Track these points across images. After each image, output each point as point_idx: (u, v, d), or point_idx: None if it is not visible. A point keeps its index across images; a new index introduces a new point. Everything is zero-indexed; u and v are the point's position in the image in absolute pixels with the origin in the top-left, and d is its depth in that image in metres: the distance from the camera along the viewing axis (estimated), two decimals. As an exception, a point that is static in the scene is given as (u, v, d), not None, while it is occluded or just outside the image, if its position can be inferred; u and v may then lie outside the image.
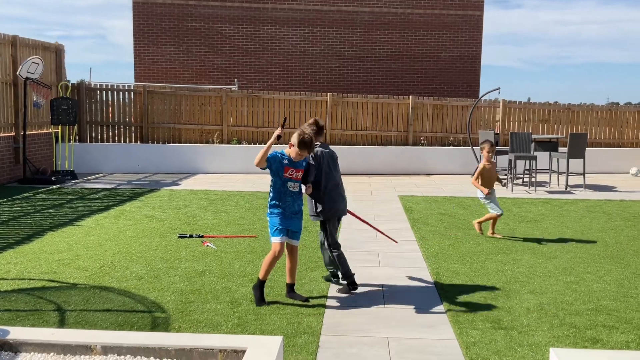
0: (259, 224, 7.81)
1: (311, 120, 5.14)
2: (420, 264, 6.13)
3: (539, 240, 7.14)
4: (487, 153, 7.34)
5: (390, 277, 5.64)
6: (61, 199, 9.62)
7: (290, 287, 4.99)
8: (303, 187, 4.95)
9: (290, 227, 4.86)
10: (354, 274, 5.20)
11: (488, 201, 7.32)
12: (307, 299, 4.89)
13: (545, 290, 5.25)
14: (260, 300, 4.82)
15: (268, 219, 4.92)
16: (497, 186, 7.68)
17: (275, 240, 4.79)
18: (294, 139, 4.74)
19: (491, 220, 7.34)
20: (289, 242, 4.88)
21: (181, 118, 13.88)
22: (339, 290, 5.19)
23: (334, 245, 5.19)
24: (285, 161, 4.81)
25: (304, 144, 4.70)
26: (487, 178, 7.32)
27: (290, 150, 4.82)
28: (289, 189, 4.84)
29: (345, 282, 5.20)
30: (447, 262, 6.16)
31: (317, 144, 5.09)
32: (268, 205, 4.92)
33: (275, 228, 4.81)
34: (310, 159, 5.01)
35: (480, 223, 7.47)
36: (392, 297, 5.08)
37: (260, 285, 4.88)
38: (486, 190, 7.20)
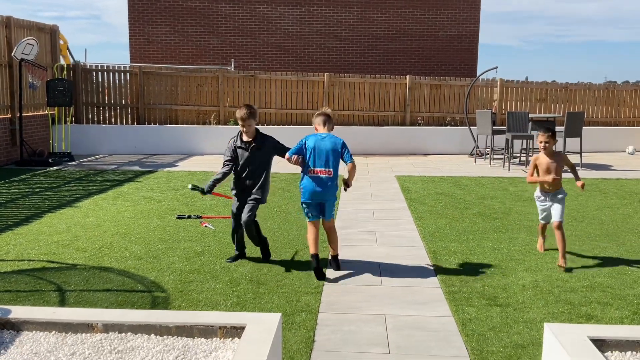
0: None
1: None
2: (417, 243, 6.18)
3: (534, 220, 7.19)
4: (540, 142, 5.58)
5: (387, 256, 5.69)
6: (59, 181, 9.62)
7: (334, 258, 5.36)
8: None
9: (319, 205, 5.24)
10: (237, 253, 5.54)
11: (545, 204, 5.64)
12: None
13: (541, 268, 5.30)
14: (319, 274, 5.01)
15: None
16: (489, 165, 7.59)
17: (308, 221, 5.28)
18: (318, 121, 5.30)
19: (559, 247, 5.37)
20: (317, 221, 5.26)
21: (177, 99, 13.82)
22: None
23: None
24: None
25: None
26: (543, 171, 5.57)
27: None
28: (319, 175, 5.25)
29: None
30: (444, 241, 6.20)
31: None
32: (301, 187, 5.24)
33: (306, 211, 5.26)
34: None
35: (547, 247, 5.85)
36: (389, 275, 5.13)
37: (315, 260, 5.06)
38: (550, 177, 5.48)
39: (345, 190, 5.27)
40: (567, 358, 2.32)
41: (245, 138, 5.40)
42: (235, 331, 2.57)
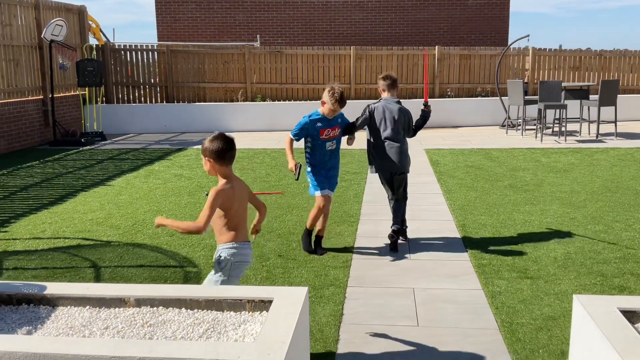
0: (285, 181, 7.87)
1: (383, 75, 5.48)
2: (446, 216, 6.13)
3: (567, 190, 7.05)
4: None
5: (416, 230, 5.67)
6: (92, 160, 9.81)
7: (319, 239, 5.08)
8: (343, 139, 5.10)
9: (330, 181, 5.01)
10: (400, 228, 5.21)
11: None
12: (323, 253, 5.00)
13: (573, 240, 5.22)
14: (308, 246, 5.04)
15: (308, 176, 5.00)
16: (521, 136, 7.44)
17: (318, 194, 4.92)
18: (325, 96, 4.78)
19: None
20: (328, 194, 5.00)
21: (205, 77, 13.87)
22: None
23: (390, 196, 5.31)
24: (319, 124, 4.85)
25: (338, 100, 4.75)
26: None
27: (323, 109, 4.86)
28: (327, 149, 4.94)
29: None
30: (474, 214, 6.15)
31: (379, 100, 5.35)
32: (307, 163, 4.99)
33: (317, 184, 4.94)
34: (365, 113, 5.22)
35: None
36: (418, 249, 5.12)
37: (308, 234, 5.08)
38: None
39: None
40: (596, 330, 2.29)
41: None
42: (263, 304, 2.61)
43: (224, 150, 3.28)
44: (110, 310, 2.65)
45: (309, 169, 5.01)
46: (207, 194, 3.25)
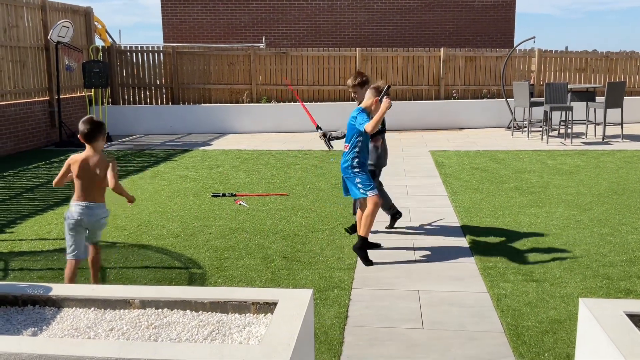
0: (290, 182, 7.87)
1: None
2: (451, 218, 6.12)
3: (573, 193, 7.03)
4: None
5: (421, 232, 5.66)
6: (97, 161, 9.83)
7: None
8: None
9: None
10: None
11: None
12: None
13: (579, 242, 5.20)
14: (367, 259, 4.81)
15: (357, 177, 4.82)
16: (527, 138, 7.41)
17: (373, 193, 4.75)
18: (372, 94, 4.81)
19: None
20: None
21: (210, 78, 13.91)
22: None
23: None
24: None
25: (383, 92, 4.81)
26: None
27: (374, 107, 4.77)
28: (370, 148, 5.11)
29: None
30: (479, 216, 6.13)
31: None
32: (354, 164, 4.82)
33: (369, 182, 4.82)
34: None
35: None
36: (423, 251, 5.11)
37: (365, 245, 4.85)
38: None
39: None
40: (602, 333, 2.28)
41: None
42: (268, 307, 2.61)
43: (82, 132, 4.34)
44: (115, 312, 2.65)
45: (357, 169, 4.84)
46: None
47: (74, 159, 4.35)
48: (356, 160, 4.82)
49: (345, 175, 4.94)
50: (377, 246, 5.05)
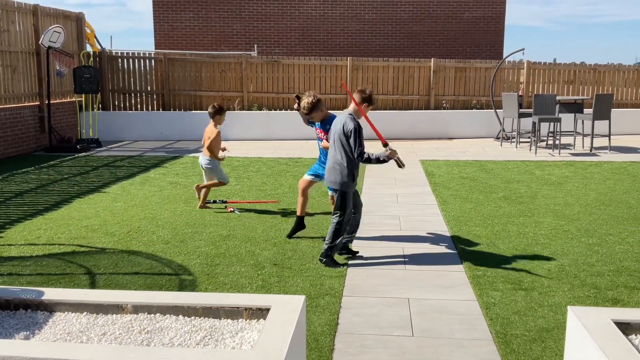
0: (281, 190, 7.89)
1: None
2: (441, 227, 6.16)
3: (561, 203, 7.10)
4: None
5: (411, 241, 5.69)
6: (87, 167, 9.80)
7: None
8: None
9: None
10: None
11: None
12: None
13: (567, 252, 5.25)
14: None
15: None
16: (515, 148, 7.46)
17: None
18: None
19: None
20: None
21: (202, 85, 13.91)
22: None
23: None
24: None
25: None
26: None
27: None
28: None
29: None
30: (468, 225, 6.18)
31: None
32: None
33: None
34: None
35: None
36: (413, 259, 5.14)
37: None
38: None
39: None
40: (591, 341, 2.32)
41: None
42: (261, 312, 2.62)
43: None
44: (107, 317, 2.65)
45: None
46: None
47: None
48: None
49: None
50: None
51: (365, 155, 4.75)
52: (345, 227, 4.99)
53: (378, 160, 4.79)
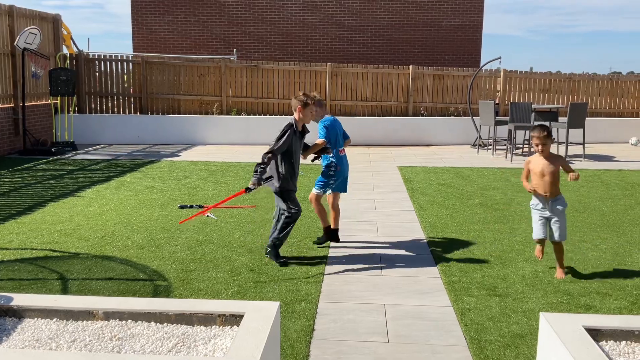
0: (258, 195, 7.85)
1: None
2: (418, 233, 6.19)
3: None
4: (536, 144, 5.00)
5: (388, 246, 5.71)
6: (62, 170, 9.65)
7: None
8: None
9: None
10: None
11: (544, 213, 4.98)
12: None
13: (541, 259, 5.31)
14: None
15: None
16: (492, 155, 7.55)
17: (315, 191, 5.77)
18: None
19: (558, 260, 4.91)
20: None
21: (180, 89, 13.82)
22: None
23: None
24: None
25: None
26: (537, 175, 4.99)
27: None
28: None
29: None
30: (445, 231, 6.22)
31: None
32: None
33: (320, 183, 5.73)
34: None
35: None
36: (389, 265, 5.16)
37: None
38: (528, 187, 4.99)
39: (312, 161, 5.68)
40: (562, 347, 2.34)
41: (299, 126, 5.31)
42: (234, 319, 2.60)
43: None
44: (78, 323, 2.61)
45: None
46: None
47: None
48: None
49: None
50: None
51: (265, 157, 4.96)
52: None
53: (259, 166, 4.94)
